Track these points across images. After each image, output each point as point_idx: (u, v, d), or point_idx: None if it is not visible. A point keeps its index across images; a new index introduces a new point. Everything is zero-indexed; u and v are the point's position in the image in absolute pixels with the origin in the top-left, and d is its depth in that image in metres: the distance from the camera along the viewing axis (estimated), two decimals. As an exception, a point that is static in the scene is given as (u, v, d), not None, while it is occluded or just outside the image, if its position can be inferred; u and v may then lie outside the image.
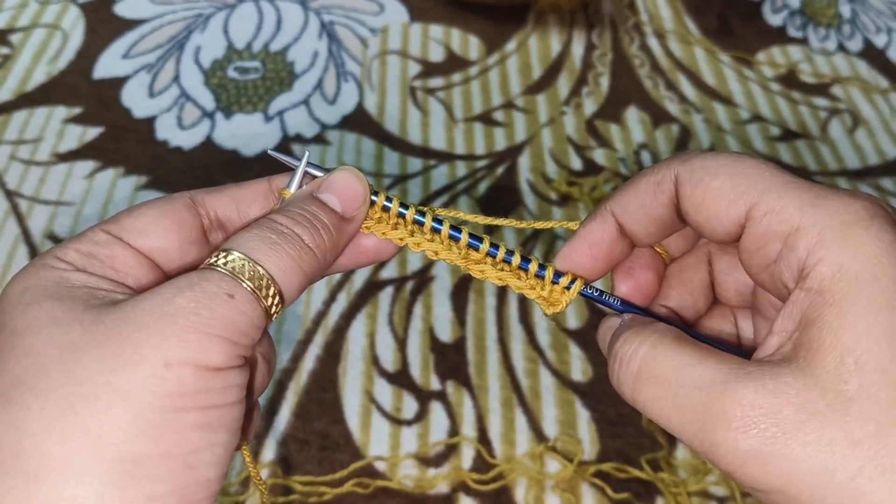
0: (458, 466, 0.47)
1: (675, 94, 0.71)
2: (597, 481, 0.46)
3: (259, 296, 0.27)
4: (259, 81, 0.69)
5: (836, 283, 0.25)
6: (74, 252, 0.28)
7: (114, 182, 0.60)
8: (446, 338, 0.53)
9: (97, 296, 0.27)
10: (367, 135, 0.66)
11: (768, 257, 0.28)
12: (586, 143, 0.66)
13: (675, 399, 0.26)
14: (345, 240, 0.31)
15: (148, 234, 0.30)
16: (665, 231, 0.31)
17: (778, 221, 0.27)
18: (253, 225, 0.29)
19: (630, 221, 0.31)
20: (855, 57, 0.77)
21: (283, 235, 0.28)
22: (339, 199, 0.30)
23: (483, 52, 0.74)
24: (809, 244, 0.26)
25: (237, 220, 0.32)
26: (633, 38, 0.77)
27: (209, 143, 0.64)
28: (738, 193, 0.28)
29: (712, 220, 0.29)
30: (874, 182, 0.65)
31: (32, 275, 0.27)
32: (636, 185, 0.31)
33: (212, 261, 0.27)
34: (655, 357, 0.27)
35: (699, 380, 0.26)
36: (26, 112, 0.65)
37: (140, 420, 0.24)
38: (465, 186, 0.62)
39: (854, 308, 0.24)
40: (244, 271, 0.27)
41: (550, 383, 0.51)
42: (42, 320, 0.26)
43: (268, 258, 0.27)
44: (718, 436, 0.25)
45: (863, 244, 0.25)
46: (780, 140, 0.68)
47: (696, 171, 0.29)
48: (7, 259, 0.55)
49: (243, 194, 0.32)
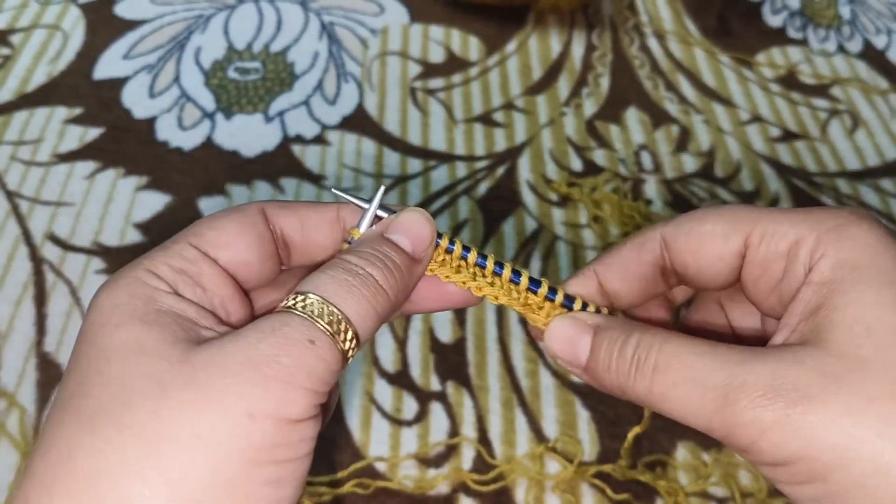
0: (459, 467, 0.47)
1: (674, 94, 0.71)
2: (597, 482, 0.46)
3: (337, 339, 0.26)
4: (259, 82, 0.69)
5: (836, 272, 0.27)
6: (166, 267, 0.28)
7: (114, 182, 0.60)
8: (446, 338, 0.53)
9: (184, 326, 0.27)
10: (368, 135, 0.66)
11: (774, 279, 0.29)
12: (586, 144, 0.66)
13: (695, 381, 0.27)
14: (414, 280, 0.31)
15: (232, 248, 0.30)
16: (646, 291, 0.33)
17: (777, 241, 0.29)
18: (327, 266, 0.28)
19: (612, 280, 0.32)
20: (855, 58, 0.77)
21: (358, 277, 0.28)
22: (409, 239, 0.30)
23: (483, 53, 0.74)
24: (810, 248, 0.28)
25: (300, 241, 0.32)
26: (632, 39, 0.77)
27: (209, 143, 0.64)
28: (731, 229, 0.30)
29: (711, 262, 0.30)
30: (874, 183, 0.65)
31: (123, 289, 0.27)
32: (620, 247, 0.32)
33: (289, 303, 0.27)
34: (672, 347, 0.28)
35: (719, 360, 0.27)
36: (27, 112, 0.65)
37: (219, 471, 0.24)
38: (465, 187, 0.62)
39: (857, 287, 0.26)
40: (323, 315, 0.26)
41: (550, 384, 0.51)
42: (130, 348, 0.25)
43: (345, 301, 0.27)
44: (741, 408, 0.25)
45: (857, 238, 0.27)
46: (779, 141, 0.68)
47: (683, 225, 0.31)
48: (7, 260, 0.55)
49: (311, 218, 0.32)
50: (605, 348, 0.30)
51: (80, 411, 0.25)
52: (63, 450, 0.24)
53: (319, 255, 0.32)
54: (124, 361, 0.25)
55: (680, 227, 0.31)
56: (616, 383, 0.29)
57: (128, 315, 0.26)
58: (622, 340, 0.29)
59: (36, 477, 0.24)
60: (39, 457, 0.24)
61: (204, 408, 0.24)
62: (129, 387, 0.24)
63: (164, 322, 0.26)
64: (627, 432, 0.48)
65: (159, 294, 0.27)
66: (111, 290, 0.27)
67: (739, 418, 0.25)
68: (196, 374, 0.25)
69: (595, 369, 0.30)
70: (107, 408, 0.24)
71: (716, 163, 0.66)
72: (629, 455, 0.47)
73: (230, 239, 0.30)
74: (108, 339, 0.26)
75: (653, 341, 0.28)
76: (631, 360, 0.28)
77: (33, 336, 0.51)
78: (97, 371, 0.25)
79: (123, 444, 0.24)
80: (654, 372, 0.28)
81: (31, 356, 0.50)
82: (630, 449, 0.48)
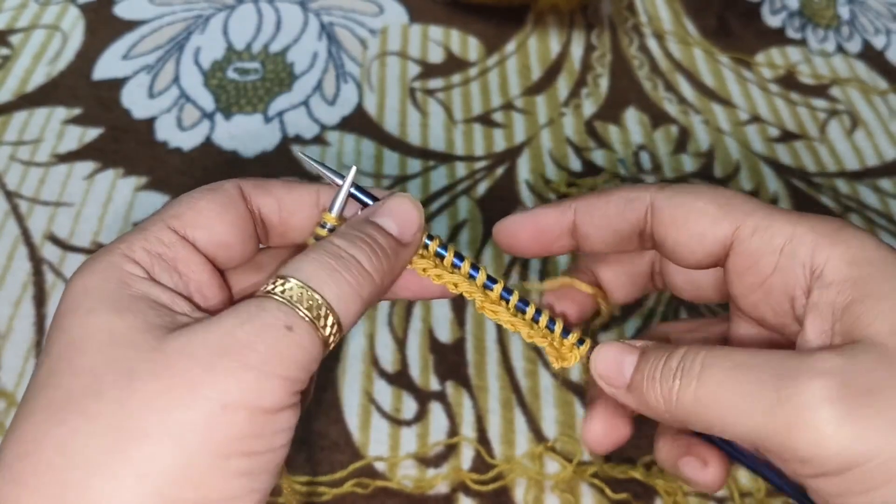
0: (458, 467, 0.47)
1: (674, 95, 0.71)
2: (596, 482, 0.46)
3: (317, 325, 0.26)
4: (259, 82, 0.69)
5: (854, 270, 0.26)
6: (142, 251, 0.27)
7: (113, 183, 0.60)
8: (446, 338, 0.53)
9: (159, 312, 0.26)
10: (367, 136, 0.66)
11: (762, 273, 0.29)
12: (585, 145, 0.66)
13: (747, 377, 0.25)
14: (401, 265, 0.30)
15: (211, 229, 0.29)
16: (616, 246, 0.32)
17: (771, 235, 0.28)
18: (310, 249, 0.28)
19: (588, 224, 0.32)
20: (854, 58, 0.77)
21: (341, 260, 0.27)
22: (396, 223, 0.29)
23: (482, 54, 0.74)
24: (810, 247, 0.27)
25: (277, 223, 0.31)
26: (632, 40, 0.77)
27: (209, 143, 0.64)
28: (723, 213, 0.29)
29: (693, 239, 0.29)
30: (872, 183, 0.65)
31: (97, 273, 0.26)
32: (608, 195, 0.32)
33: (269, 288, 0.26)
34: (719, 350, 0.27)
35: (772, 358, 0.25)
36: (26, 113, 0.65)
37: (189, 464, 0.23)
38: (464, 187, 0.62)
39: (885, 282, 0.26)
40: (302, 300, 0.26)
41: (550, 384, 0.51)
42: (101, 335, 0.25)
43: (326, 286, 0.26)
44: (803, 404, 0.24)
45: (860, 239, 0.27)
46: (778, 141, 0.68)
47: (677, 195, 0.30)
48: (7, 260, 0.55)
49: (288, 200, 0.31)
50: (651, 362, 0.28)
51: (49, 401, 0.24)
52: (31, 441, 0.24)
53: (298, 237, 0.32)
54: (95, 350, 0.25)
55: (673, 197, 0.30)
56: (660, 396, 0.27)
57: (100, 300, 0.26)
58: (668, 355, 0.28)
59: (4, 467, 0.24)
60: (8, 446, 0.24)
61: (174, 398, 0.23)
62: (98, 376, 0.24)
63: (138, 308, 0.26)
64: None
65: (134, 279, 0.26)
66: (85, 274, 0.27)
67: (800, 417, 0.24)
68: (167, 363, 0.24)
69: (639, 384, 0.28)
70: (75, 398, 0.24)
71: (715, 163, 0.66)
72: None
73: (209, 220, 0.29)
74: (80, 326, 0.25)
75: (699, 349, 0.27)
76: (676, 368, 0.27)
77: (33, 336, 0.51)
78: (67, 359, 0.25)
79: (91, 436, 0.23)
80: (701, 371, 0.26)
81: (30, 356, 0.50)
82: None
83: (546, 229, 0.32)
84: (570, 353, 0.32)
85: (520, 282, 0.56)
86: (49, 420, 0.24)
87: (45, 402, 0.24)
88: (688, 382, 0.26)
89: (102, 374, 0.24)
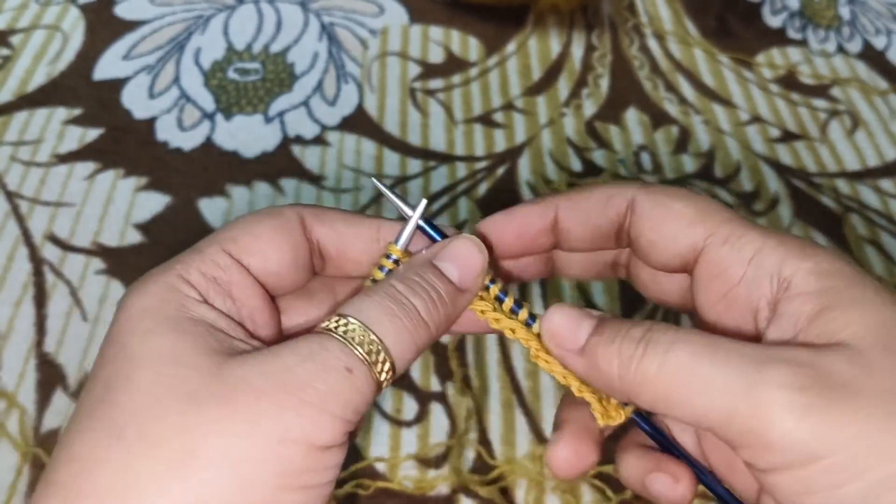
0: (459, 468, 0.47)
1: (674, 95, 0.71)
2: (597, 483, 0.46)
3: (373, 369, 0.26)
4: (259, 83, 0.69)
5: (822, 281, 0.27)
6: (198, 274, 0.27)
7: (114, 183, 0.60)
8: (446, 339, 0.53)
9: (217, 337, 0.26)
10: (367, 136, 0.66)
11: (729, 282, 0.29)
12: (586, 145, 0.66)
13: (715, 362, 0.25)
14: (457, 312, 0.29)
15: (265, 255, 0.29)
16: (595, 243, 0.32)
17: (741, 245, 0.28)
18: (372, 290, 0.28)
19: (569, 220, 0.32)
20: (854, 58, 0.77)
21: (402, 307, 0.27)
22: (458, 269, 0.29)
23: (483, 54, 0.74)
24: (779, 259, 0.28)
25: (335, 255, 0.31)
26: (632, 40, 0.77)
27: (209, 144, 0.64)
28: (700, 219, 0.29)
29: (667, 240, 0.30)
30: (873, 183, 0.65)
31: (155, 295, 0.26)
32: (589, 192, 0.32)
33: (330, 325, 0.26)
34: (689, 332, 0.26)
35: (742, 347, 0.25)
36: (26, 113, 0.65)
37: (245, 493, 0.23)
38: (465, 188, 0.62)
39: (853, 290, 0.26)
40: (363, 343, 0.26)
41: (551, 384, 0.51)
42: (162, 356, 0.25)
43: (386, 331, 0.26)
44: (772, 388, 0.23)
45: (822, 254, 0.28)
46: (779, 141, 0.68)
47: (657, 195, 0.30)
48: (7, 260, 0.55)
49: (348, 234, 0.31)
50: (612, 328, 0.28)
51: (106, 420, 0.24)
52: (87, 460, 0.23)
53: (354, 269, 0.32)
54: (155, 369, 0.24)
55: (654, 196, 0.30)
56: (616, 363, 0.27)
57: (159, 321, 0.25)
58: (631, 324, 0.27)
59: (59, 487, 0.24)
60: (63, 464, 0.24)
61: (235, 428, 0.23)
62: (158, 397, 0.24)
63: (198, 331, 0.25)
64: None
65: (191, 302, 0.26)
66: (141, 293, 0.26)
67: (770, 400, 0.23)
68: (229, 392, 0.24)
69: (594, 347, 0.27)
70: (135, 418, 0.24)
71: (715, 163, 0.66)
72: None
73: (265, 246, 0.29)
74: (139, 344, 0.25)
75: (668, 325, 0.27)
76: (641, 339, 0.26)
77: (33, 337, 0.51)
78: (126, 377, 0.24)
79: (151, 459, 0.23)
80: (671, 344, 0.26)
81: (31, 357, 0.50)
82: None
83: (527, 226, 0.32)
84: (615, 411, 0.32)
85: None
86: (107, 440, 0.24)
87: (100, 420, 0.24)
88: (654, 353, 0.26)
89: (163, 394, 0.24)
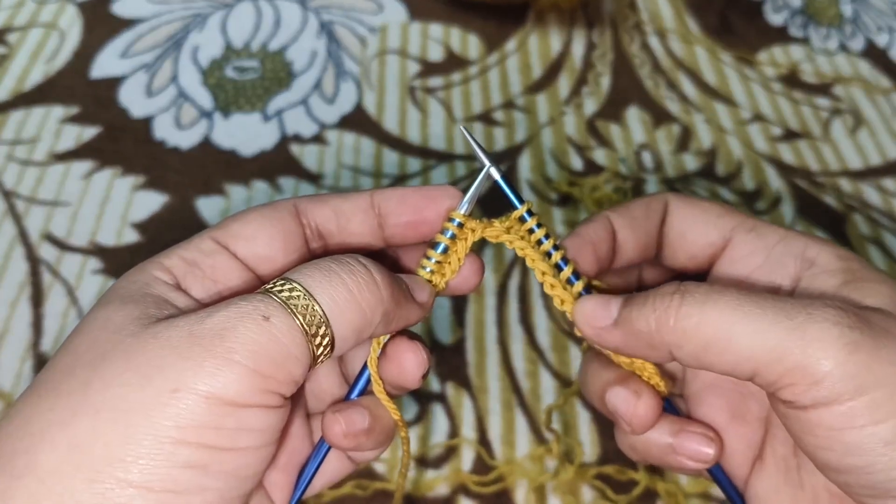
0: (458, 468, 0.47)
1: (675, 93, 0.71)
2: (597, 483, 0.46)
3: (295, 314, 0.25)
4: (257, 81, 0.69)
5: (843, 262, 0.30)
6: (178, 258, 0.28)
7: (111, 182, 0.60)
8: (446, 339, 0.53)
9: (162, 306, 0.26)
10: (366, 134, 0.65)
11: (749, 266, 0.32)
12: (587, 143, 0.66)
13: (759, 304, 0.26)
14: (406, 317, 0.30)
15: (255, 240, 0.30)
16: (646, 248, 0.35)
17: (766, 232, 0.32)
18: (321, 259, 0.28)
19: (623, 227, 0.34)
20: (857, 57, 0.76)
21: (343, 265, 0.27)
22: (420, 296, 0.31)
23: (483, 52, 0.74)
24: (803, 243, 0.31)
25: (336, 232, 0.32)
26: (633, 38, 0.76)
27: (207, 142, 0.64)
28: (727, 212, 0.34)
29: (698, 230, 0.33)
30: (876, 182, 0.65)
31: (129, 276, 0.28)
32: (631, 204, 0.35)
33: (269, 286, 0.26)
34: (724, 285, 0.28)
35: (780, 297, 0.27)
36: (23, 112, 0.65)
37: (129, 442, 0.23)
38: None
39: (872, 272, 0.29)
40: (283, 291, 0.25)
41: (551, 385, 0.51)
42: (97, 322, 0.26)
43: (318, 283, 0.26)
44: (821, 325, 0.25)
45: (838, 245, 0.31)
46: (781, 140, 0.67)
47: (688, 197, 0.35)
48: (4, 260, 0.55)
49: (344, 207, 0.32)
50: (640, 295, 0.29)
51: (37, 379, 0.25)
52: (10, 412, 0.25)
53: (356, 241, 0.32)
54: (90, 335, 0.25)
55: (684, 197, 0.34)
56: (654, 322, 0.27)
57: (115, 296, 0.27)
58: (659, 288, 0.29)
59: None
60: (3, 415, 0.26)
61: (130, 379, 0.23)
62: (78, 357, 0.25)
63: (144, 302, 0.26)
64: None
65: (157, 282, 0.27)
66: (122, 278, 0.28)
67: (820, 336, 0.25)
68: (139, 347, 0.24)
69: (628, 314, 0.29)
70: (55, 375, 0.25)
71: (717, 162, 0.65)
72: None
73: (253, 231, 0.30)
74: (90, 316, 0.26)
75: (698, 283, 0.28)
76: (673, 293, 0.27)
77: (30, 336, 0.51)
78: (67, 343, 0.26)
79: (50, 412, 0.24)
80: (707, 293, 0.27)
81: (27, 357, 0.50)
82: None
83: (598, 241, 0.34)
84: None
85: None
86: (28, 394, 0.25)
87: (35, 381, 0.26)
88: (692, 303, 0.27)
89: (82, 355, 0.25)
